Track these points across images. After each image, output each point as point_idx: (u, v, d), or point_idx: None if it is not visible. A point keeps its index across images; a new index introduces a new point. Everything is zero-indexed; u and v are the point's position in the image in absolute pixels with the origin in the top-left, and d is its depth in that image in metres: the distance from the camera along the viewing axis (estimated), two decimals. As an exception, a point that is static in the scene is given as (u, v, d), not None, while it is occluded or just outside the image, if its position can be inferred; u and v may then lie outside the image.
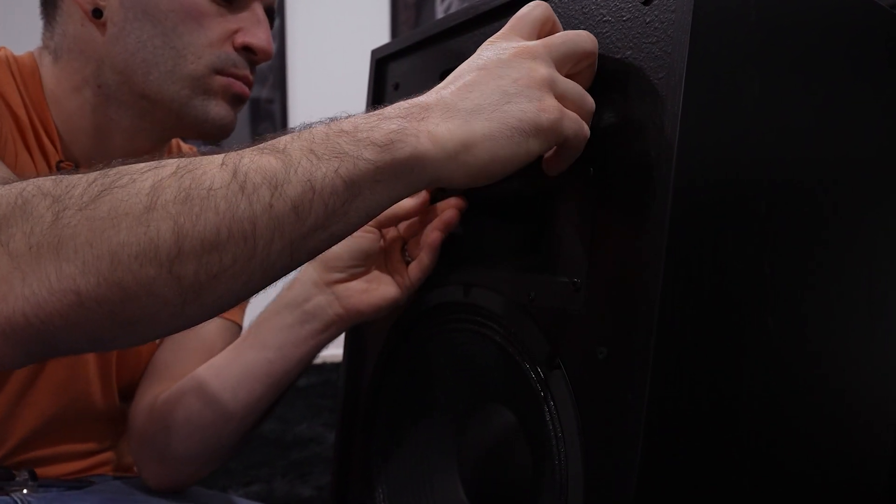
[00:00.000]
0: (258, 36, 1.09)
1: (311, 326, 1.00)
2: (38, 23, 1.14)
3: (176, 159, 0.64)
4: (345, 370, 1.10)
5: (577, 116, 0.72)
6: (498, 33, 0.75)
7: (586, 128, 0.72)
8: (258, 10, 1.11)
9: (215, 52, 1.07)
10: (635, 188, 0.69)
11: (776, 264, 0.71)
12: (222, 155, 0.65)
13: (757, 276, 0.70)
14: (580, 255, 0.74)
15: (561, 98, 0.71)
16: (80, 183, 0.63)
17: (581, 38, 0.73)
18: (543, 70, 0.70)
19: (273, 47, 1.12)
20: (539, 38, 0.75)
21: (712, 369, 0.68)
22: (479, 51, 0.73)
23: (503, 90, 0.69)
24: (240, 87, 1.09)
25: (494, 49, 0.72)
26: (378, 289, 0.98)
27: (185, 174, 0.62)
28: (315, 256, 0.68)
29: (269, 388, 1.03)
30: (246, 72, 1.09)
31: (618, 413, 0.68)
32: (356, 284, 0.98)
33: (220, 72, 1.07)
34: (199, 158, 0.64)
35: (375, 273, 0.99)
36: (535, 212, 0.84)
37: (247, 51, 1.09)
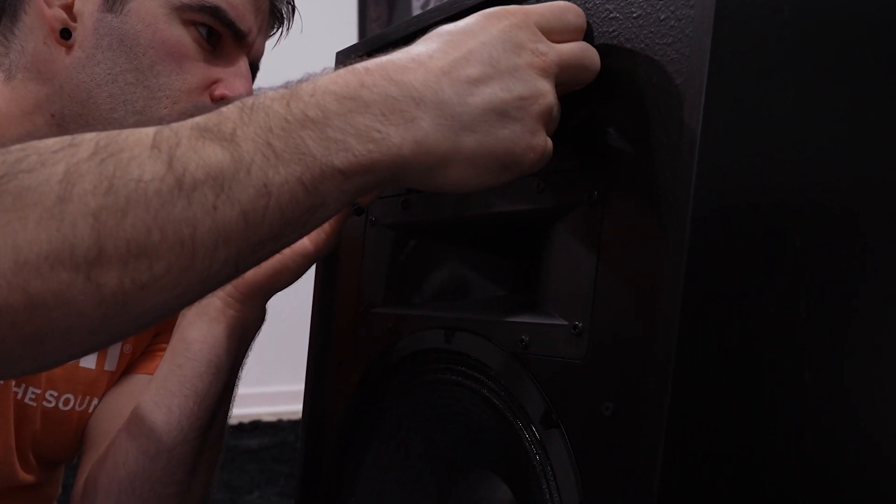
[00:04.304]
0: (238, 91, 1.11)
1: (207, 316, 1.03)
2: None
3: (94, 134, 0.62)
4: (305, 429, 1.09)
5: (551, 147, 0.72)
6: (522, 13, 0.73)
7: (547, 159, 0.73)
8: (243, 64, 1.13)
9: (192, 100, 1.08)
10: (647, 216, 0.69)
11: (814, 306, 0.70)
12: (152, 132, 0.63)
13: (791, 321, 0.70)
14: (582, 294, 0.74)
15: (548, 125, 0.72)
16: None
17: (594, 58, 0.74)
18: (550, 98, 0.71)
19: None
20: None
21: (737, 431, 0.68)
22: (496, 28, 0.71)
23: (504, 109, 0.69)
24: None
25: (512, 39, 0.71)
26: None
27: (108, 158, 0.60)
28: (261, 263, 0.68)
29: (187, 399, 1.05)
30: None
31: (626, 480, 0.67)
32: None
33: None
34: (121, 136, 0.62)
35: None
36: (528, 242, 0.83)
37: (224, 104, 1.09)
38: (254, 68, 1.18)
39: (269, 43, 1.21)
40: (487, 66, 0.69)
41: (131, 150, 0.61)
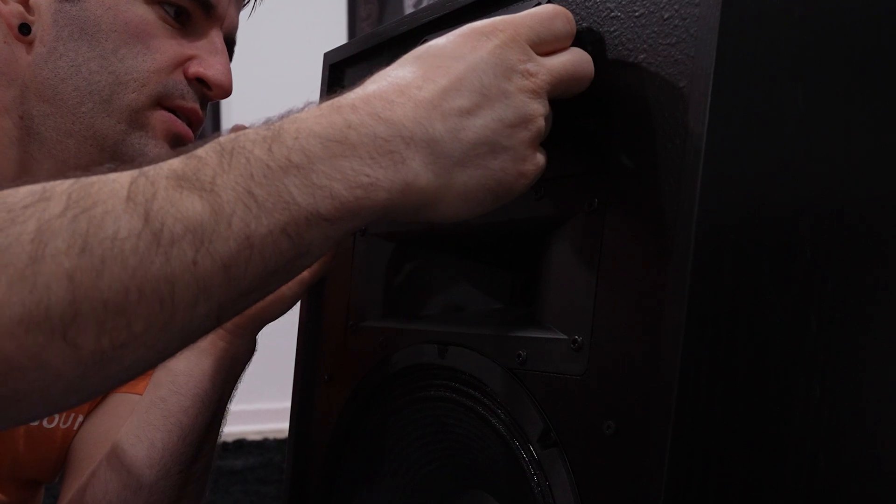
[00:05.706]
0: (215, 67, 1.09)
1: (195, 348, 1.04)
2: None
3: (66, 185, 0.61)
4: (291, 449, 1.09)
5: (544, 163, 0.73)
6: (511, 29, 0.72)
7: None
8: (217, 38, 1.11)
9: (162, 80, 1.07)
10: (649, 224, 0.69)
11: (825, 319, 0.70)
12: (127, 181, 0.62)
13: (801, 335, 0.69)
14: (581, 307, 0.74)
15: (540, 142, 0.72)
16: None
17: (587, 67, 0.74)
18: (541, 121, 0.71)
19: (232, 83, 1.11)
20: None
21: (745, 450, 0.67)
22: (485, 49, 0.70)
23: (495, 139, 0.69)
24: (182, 126, 1.08)
25: (502, 63, 0.70)
26: None
27: (81, 215, 0.59)
28: (243, 312, 0.68)
29: (170, 434, 1.06)
30: (195, 105, 1.09)
31: (629, 502, 0.67)
32: None
33: (163, 102, 1.07)
34: (94, 185, 0.61)
35: None
36: (526, 253, 0.83)
37: (200, 83, 1.09)
38: (230, 42, 1.16)
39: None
40: (477, 95, 0.69)
41: (105, 203, 0.60)
